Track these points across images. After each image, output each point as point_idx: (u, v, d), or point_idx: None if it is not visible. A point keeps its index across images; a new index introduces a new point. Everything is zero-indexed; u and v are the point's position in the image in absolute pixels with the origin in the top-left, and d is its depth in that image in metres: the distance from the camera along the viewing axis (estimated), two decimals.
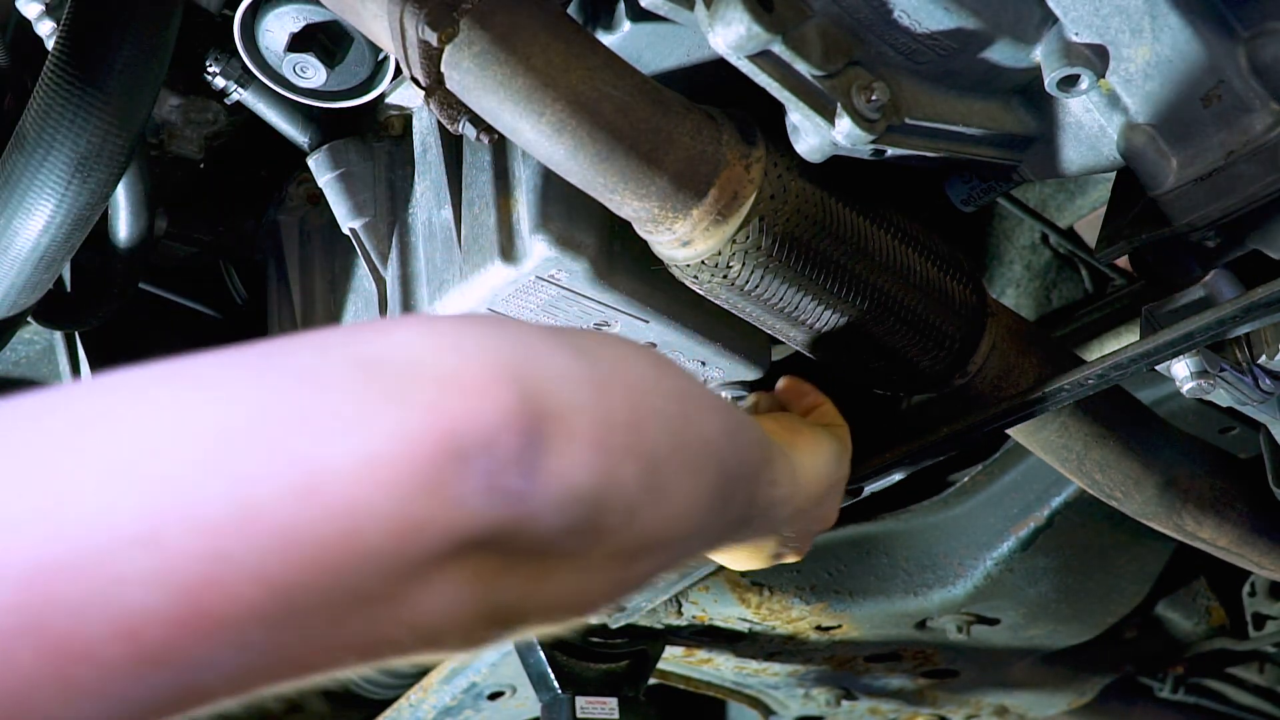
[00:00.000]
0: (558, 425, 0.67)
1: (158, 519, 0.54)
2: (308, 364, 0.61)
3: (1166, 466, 1.51)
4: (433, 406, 0.61)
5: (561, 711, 1.97)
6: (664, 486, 0.75)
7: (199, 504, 0.55)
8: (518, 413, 0.64)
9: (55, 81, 1.19)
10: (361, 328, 0.66)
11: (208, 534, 0.55)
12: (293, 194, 1.60)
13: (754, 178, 1.20)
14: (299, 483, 0.57)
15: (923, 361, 1.34)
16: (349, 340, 0.64)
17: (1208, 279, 1.27)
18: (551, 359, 0.69)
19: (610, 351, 0.77)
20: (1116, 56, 1.19)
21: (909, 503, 2.10)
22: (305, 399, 0.60)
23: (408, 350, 0.64)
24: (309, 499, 0.57)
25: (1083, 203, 2.06)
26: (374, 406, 0.60)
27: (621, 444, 0.71)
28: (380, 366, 0.62)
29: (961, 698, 2.49)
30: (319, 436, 0.59)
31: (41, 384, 1.68)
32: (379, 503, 0.59)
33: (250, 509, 0.56)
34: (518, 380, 0.65)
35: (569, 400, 0.68)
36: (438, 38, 1.09)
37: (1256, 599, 2.42)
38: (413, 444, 0.60)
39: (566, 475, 0.67)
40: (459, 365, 0.64)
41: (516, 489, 0.64)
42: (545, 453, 0.65)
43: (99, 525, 0.54)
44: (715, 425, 0.83)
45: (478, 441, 0.62)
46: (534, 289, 1.35)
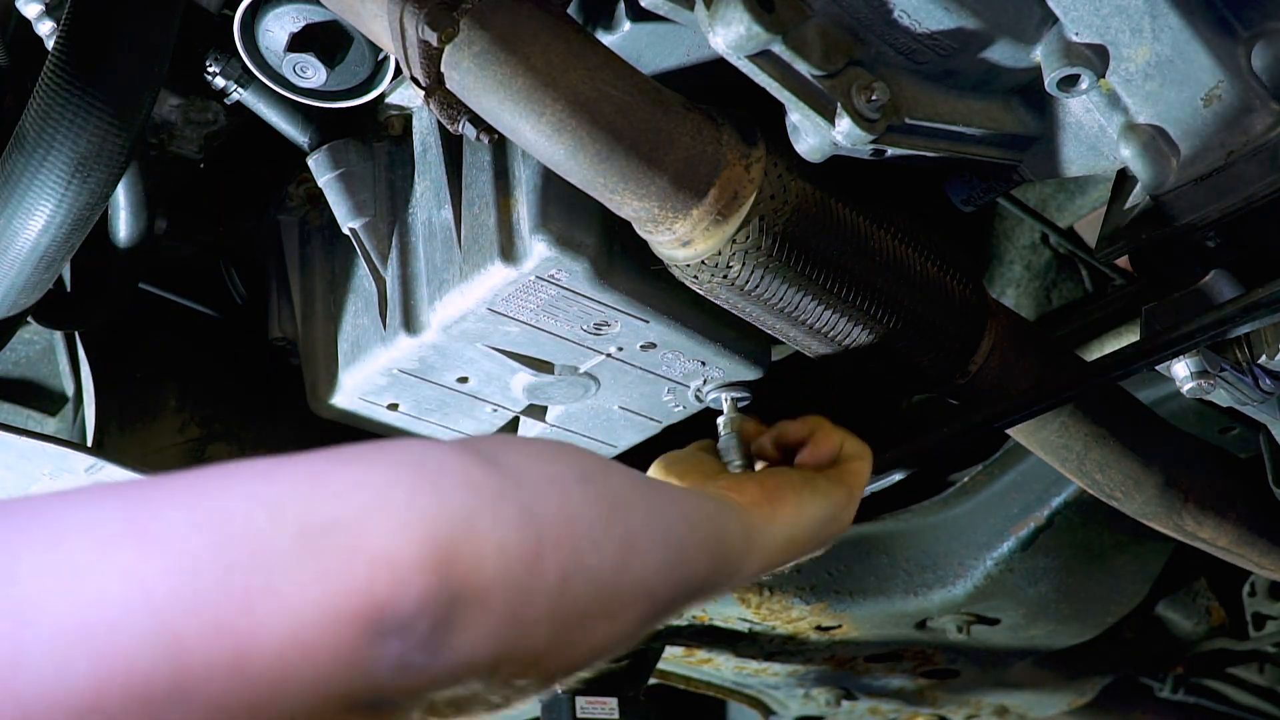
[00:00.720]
0: (475, 604, 0.71)
1: (104, 690, 0.58)
2: (260, 531, 0.65)
3: (1166, 466, 1.51)
4: (363, 588, 0.66)
5: (561, 711, 1.97)
6: (579, 636, 0.81)
7: (142, 678, 0.59)
8: (436, 598, 0.69)
9: (55, 81, 1.19)
10: (321, 476, 0.70)
11: (147, 704, 0.59)
12: (293, 194, 1.60)
13: (754, 178, 1.20)
14: (232, 660, 0.62)
15: (923, 361, 1.34)
16: (303, 502, 0.68)
17: (1208, 279, 1.27)
18: (490, 528, 0.74)
19: (561, 504, 0.80)
20: (1116, 56, 1.19)
21: (909, 503, 2.10)
22: (249, 574, 0.64)
23: (356, 517, 0.68)
24: (239, 674, 0.62)
25: (1083, 203, 2.06)
26: (309, 585, 0.65)
27: (539, 612, 0.76)
28: (325, 536, 0.67)
29: (961, 698, 2.49)
30: (256, 615, 0.63)
31: (41, 384, 1.68)
32: (300, 676, 0.64)
33: (186, 682, 0.60)
34: (445, 561, 0.70)
35: (494, 575, 0.73)
36: (438, 38, 1.09)
37: (1256, 599, 2.42)
38: (338, 623, 0.65)
39: (469, 648, 0.72)
40: (396, 543, 0.68)
41: (420, 664, 0.69)
42: (455, 631, 0.70)
43: (51, 692, 0.57)
44: (655, 565, 0.88)
45: (395, 624, 0.67)
46: (534, 289, 1.35)
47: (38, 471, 1.51)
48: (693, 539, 0.95)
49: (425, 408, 1.55)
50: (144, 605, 0.60)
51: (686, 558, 0.93)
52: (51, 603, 0.58)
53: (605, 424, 1.60)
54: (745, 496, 1.10)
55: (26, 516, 0.61)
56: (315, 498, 0.68)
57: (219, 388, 1.71)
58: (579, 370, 1.49)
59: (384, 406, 1.55)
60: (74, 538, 0.61)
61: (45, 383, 1.68)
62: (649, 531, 0.88)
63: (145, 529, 0.63)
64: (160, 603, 0.60)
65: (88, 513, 0.62)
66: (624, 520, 0.86)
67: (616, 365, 1.48)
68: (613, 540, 0.84)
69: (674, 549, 0.91)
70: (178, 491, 0.66)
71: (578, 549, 0.80)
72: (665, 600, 0.91)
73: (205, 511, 0.65)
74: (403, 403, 1.55)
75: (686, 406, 1.57)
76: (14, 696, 0.56)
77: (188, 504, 0.65)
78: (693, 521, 0.95)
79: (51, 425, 1.67)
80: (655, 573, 0.88)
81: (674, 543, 0.91)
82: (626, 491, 0.88)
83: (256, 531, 0.65)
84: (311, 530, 0.66)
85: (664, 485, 0.98)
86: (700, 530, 0.96)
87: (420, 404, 1.55)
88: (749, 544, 1.05)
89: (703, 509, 0.99)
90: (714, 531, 0.99)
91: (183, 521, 0.64)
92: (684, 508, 0.96)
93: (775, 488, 1.13)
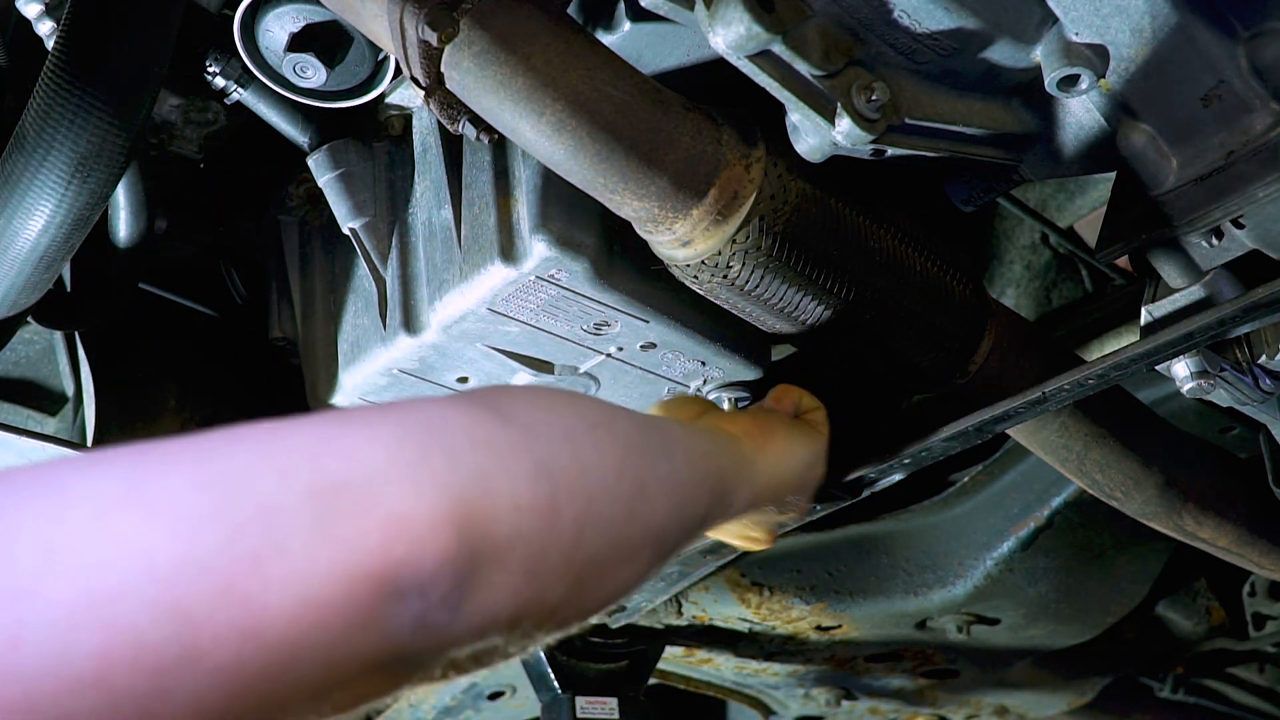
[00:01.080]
0: (493, 561, 0.70)
1: (109, 662, 0.56)
2: (267, 492, 0.63)
3: (1166, 466, 1.51)
4: (377, 548, 0.64)
5: (561, 711, 1.97)
6: (594, 584, 0.80)
7: (148, 649, 0.57)
8: (455, 557, 0.68)
9: (55, 81, 1.19)
10: (329, 437, 0.68)
11: (154, 674, 0.57)
12: (293, 194, 1.60)
13: (754, 178, 1.20)
14: (242, 624, 0.60)
15: (923, 361, 1.34)
16: (312, 462, 0.66)
17: (1208, 279, 1.27)
18: (506, 485, 0.73)
19: (574, 455, 0.79)
20: (1116, 56, 1.19)
21: (909, 503, 2.10)
22: (257, 536, 0.62)
23: (367, 477, 0.66)
24: (250, 639, 0.60)
25: (1083, 203, 2.06)
26: (320, 547, 0.63)
27: (557, 564, 0.75)
28: (336, 497, 0.65)
29: (961, 698, 2.49)
30: (265, 577, 0.61)
31: (41, 384, 1.68)
32: (315, 640, 0.62)
33: (195, 650, 0.58)
34: (463, 520, 0.69)
35: (512, 532, 0.72)
36: (438, 38, 1.09)
37: (1256, 599, 2.42)
38: (353, 585, 0.63)
39: (490, 606, 0.71)
40: (411, 503, 0.67)
41: (441, 622, 0.68)
42: (474, 589, 0.69)
43: (53, 668, 0.55)
44: (663, 508, 0.87)
45: (413, 584, 0.66)
46: (534, 289, 1.35)
47: None
48: (694, 478, 0.94)
49: None
50: (148, 572, 0.58)
51: (690, 498, 0.93)
52: (51, 574, 0.57)
53: None
54: (738, 427, 1.11)
55: (24, 485, 0.60)
56: (324, 458, 0.66)
57: (219, 388, 1.71)
58: (579, 370, 1.49)
59: None
60: (73, 505, 0.59)
61: (45, 383, 1.68)
62: (657, 475, 0.87)
63: (146, 493, 0.61)
64: (165, 569, 0.58)
65: (87, 479, 0.61)
66: (634, 466, 0.85)
67: (616, 365, 1.48)
68: (624, 487, 0.83)
69: (679, 490, 0.91)
70: (180, 454, 0.64)
71: (591, 499, 0.79)
72: (672, 541, 0.90)
73: (209, 473, 0.63)
74: None
75: None
76: (15, 673, 0.54)
77: (191, 466, 0.63)
78: (693, 460, 0.95)
79: (51, 425, 1.67)
80: (663, 515, 0.87)
81: (679, 484, 0.91)
82: (635, 436, 0.87)
83: (264, 493, 0.63)
84: (322, 491, 0.64)
85: (667, 424, 0.97)
86: (700, 468, 0.96)
87: None
88: (740, 476, 1.06)
89: (701, 446, 0.99)
90: (712, 468, 1.00)
91: (186, 484, 0.62)
92: (686, 447, 0.95)
93: (767, 422, 1.16)
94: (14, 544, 0.57)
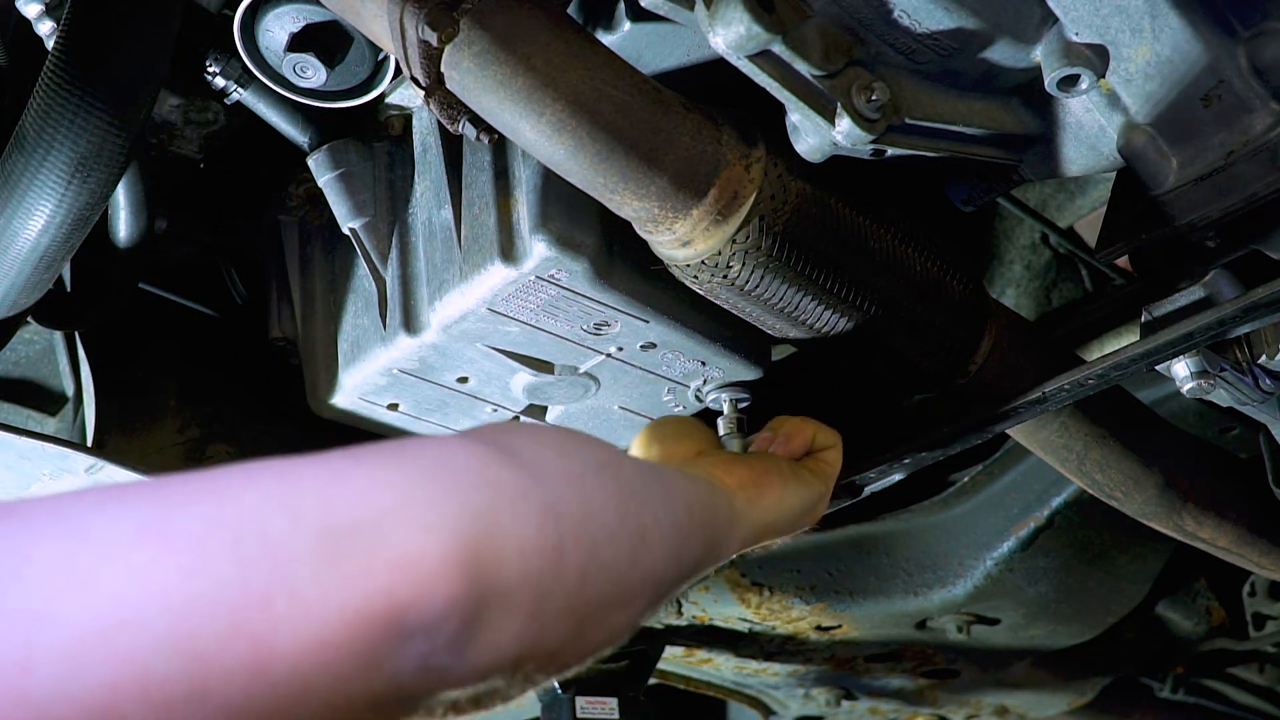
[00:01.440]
0: (499, 604, 0.71)
1: (118, 693, 0.57)
2: (280, 533, 0.64)
3: (1166, 466, 1.51)
4: (385, 590, 0.65)
5: (561, 711, 1.97)
6: (594, 627, 0.81)
7: (157, 683, 0.58)
8: (464, 599, 0.69)
9: (55, 81, 1.19)
10: (341, 478, 0.69)
11: (162, 709, 0.58)
12: (293, 194, 1.60)
13: (754, 178, 1.20)
14: (250, 662, 0.60)
15: (923, 361, 1.34)
16: (323, 502, 0.67)
17: (1208, 279, 1.27)
18: (514, 528, 0.73)
19: (580, 499, 0.80)
20: (1116, 56, 1.19)
21: (909, 503, 2.10)
22: (269, 576, 0.62)
23: (376, 518, 0.67)
24: (258, 677, 0.61)
25: (1083, 203, 2.06)
26: (330, 588, 0.64)
27: (560, 607, 0.76)
28: (346, 539, 0.65)
29: (961, 698, 2.49)
30: (275, 617, 0.62)
31: (41, 384, 1.68)
32: (321, 679, 0.63)
33: (204, 686, 0.59)
34: (471, 563, 0.69)
35: (518, 575, 0.72)
36: (438, 38, 1.09)
37: (1256, 599, 2.42)
38: (360, 626, 0.64)
39: (494, 648, 0.72)
40: (420, 545, 0.67)
41: (446, 664, 0.69)
42: (480, 631, 0.70)
43: (61, 695, 0.56)
44: (662, 554, 0.88)
45: (420, 626, 0.66)
46: (534, 289, 1.35)
47: (38, 471, 1.51)
48: (691, 526, 0.96)
49: (425, 408, 1.55)
50: (159, 606, 0.59)
51: (687, 545, 0.94)
52: (64, 604, 0.57)
53: (605, 424, 1.60)
54: (733, 479, 1.12)
55: (39, 517, 0.60)
56: (335, 499, 0.67)
57: (219, 388, 1.71)
58: (579, 370, 1.49)
59: (384, 406, 1.55)
60: (88, 538, 0.60)
61: (45, 383, 1.68)
62: (658, 522, 0.89)
63: (160, 529, 0.61)
64: (176, 604, 0.59)
65: (102, 513, 0.61)
66: (636, 513, 0.86)
67: (616, 365, 1.48)
68: (627, 533, 0.84)
69: (678, 537, 0.92)
70: (193, 491, 0.65)
71: (596, 543, 0.80)
72: (668, 586, 0.92)
73: (222, 512, 0.64)
74: (403, 403, 1.55)
75: (686, 406, 1.57)
76: (26, 699, 0.55)
77: (204, 504, 0.64)
78: (692, 509, 0.96)
79: (51, 425, 1.67)
80: (662, 561, 0.88)
81: (678, 531, 0.92)
82: (638, 483, 0.89)
83: (275, 532, 0.64)
84: (332, 532, 0.65)
85: (667, 472, 0.98)
86: (698, 517, 0.98)
87: (420, 404, 1.55)
88: (732, 527, 1.07)
89: (699, 494, 1.00)
90: (708, 518, 1.01)
91: (199, 521, 0.63)
92: (685, 495, 0.96)
93: (763, 473, 1.16)
94: (28, 572, 0.58)
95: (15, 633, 0.56)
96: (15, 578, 0.57)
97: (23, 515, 0.60)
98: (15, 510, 0.60)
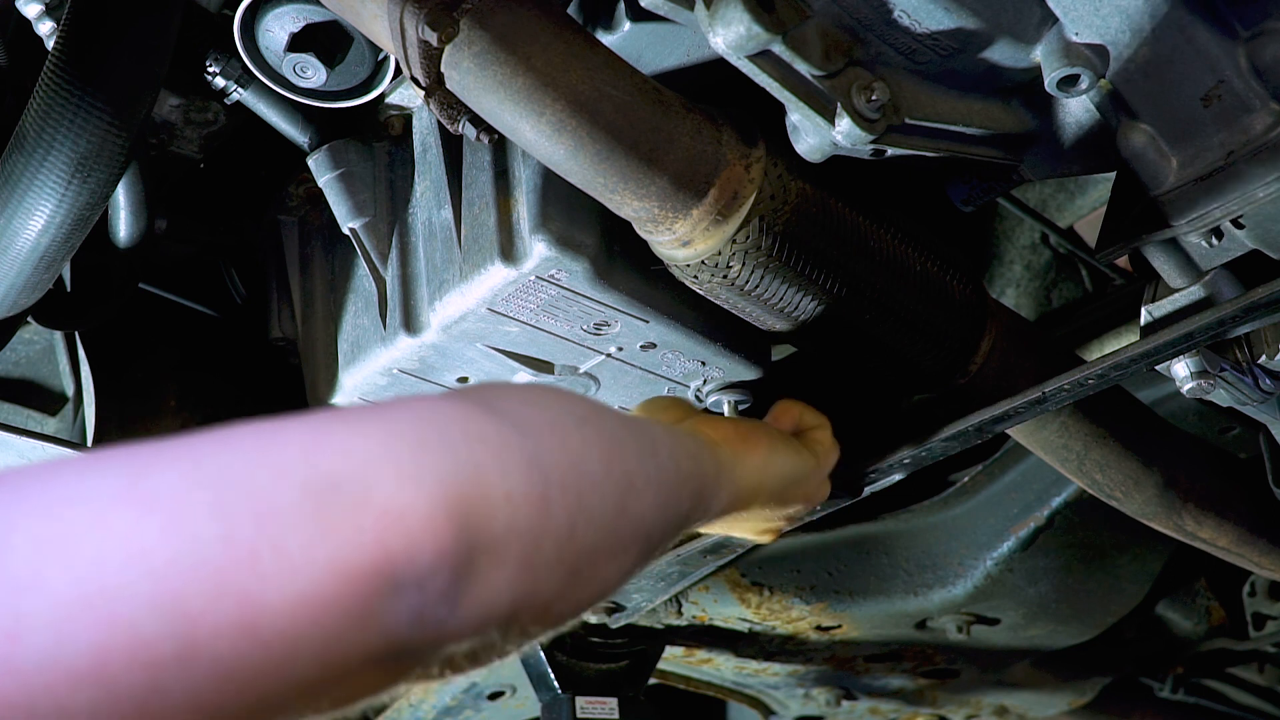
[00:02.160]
0: (489, 554, 0.71)
1: (105, 657, 0.57)
2: (263, 488, 0.64)
3: (1166, 466, 1.51)
4: (374, 542, 0.64)
5: (561, 711, 1.97)
6: (586, 578, 0.81)
7: (146, 645, 0.58)
8: (453, 549, 0.68)
9: (55, 81, 1.19)
10: (323, 433, 0.68)
11: (151, 670, 0.58)
12: (293, 194, 1.60)
13: (754, 177, 1.20)
14: (239, 620, 0.60)
15: (923, 361, 1.34)
16: (306, 458, 0.66)
17: (1208, 279, 1.27)
18: (499, 478, 0.73)
19: (564, 449, 0.80)
20: (1116, 56, 1.19)
21: (909, 503, 2.10)
22: (254, 532, 0.62)
23: (362, 471, 0.67)
24: (247, 635, 0.60)
25: (1083, 203, 2.06)
26: (317, 542, 0.63)
27: (551, 557, 0.76)
28: (332, 492, 0.65)
29: (961, 698, 2.49)
30: (262, 573, 0.61)
31: (41, 384, 1.68)
32: (312, 635, 0.62)
33: (191, 645, 0.59)
34: (459, 513, 0.69)
35: (506, 524, 0.72)
36: (438, 38, 1.09)
37: (1256, 599, 2.42)
38: (350, 580, 0.63)
39: (488, 599, 0.71)
40: (407, 496, 0.67)
41: (439, 616, 0.68)
42: (471, 582, 0.70)
43: (50, 662, 0.56)
44: (650, 504, 0.88)
45: (411, 578, 0.66)
46: (534, 289, 1.35)
47: None
48: (678, 476, 0.95)
49: None
50: (144, 568, 0.58)
51: (674, 495, 0.94)
52: (48, 570, 0.57)
53: None
54: (718, 433, 1.11)
55: (20, 484, 0.60)
56: (319, 454, 0.66)
57: (219, 388, 1.71)
58: (579, 370, 1.49)
59: None
60: (70, 503, 0.60)
61: (45, 383, 1.68)
62: (643, 471, 0.88)
63: (143, 490, 0.61)
64: (161, 565, 0.59)
65: (83, 477, 0.61)
66: (621, 461, 0.86)
67: (616, 365, 1.48)
68: (613, 482, 0.84)
69: (664, 487, 0.92)
70: (175, 453, 0.64)
71: (582, 492, 0.80)
72: (657, 537, 0.91)
73: (204, 471, 0.63)
74: None
75: None
76: (13, 668, 0.55)
77: (186, 464, 0.63)
78: (678, 459, 0.96)
79: (51, 425, 1.67)
80: (650, 511, 0.88)
81: (664, 481, 0.92)
82: (622, 433, 0.88)
83: (259, 489, 0.63)
84: (317, 487, 0.65)
85: (651, 423, 0.98)
86: (684, 467, 0.97)
87: None
88: (719, 480, 1.06)
89: (684, 445, 1.00)
90: (695, 469, 1.00)
91: (181, 482, 0.62)
92: (670, 446, 0.96)
93: (750, 431, 1.16)
94: (11, 539, 0.57)
95: (1, 603, 0.55)
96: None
97: (3, 485, 0.60)
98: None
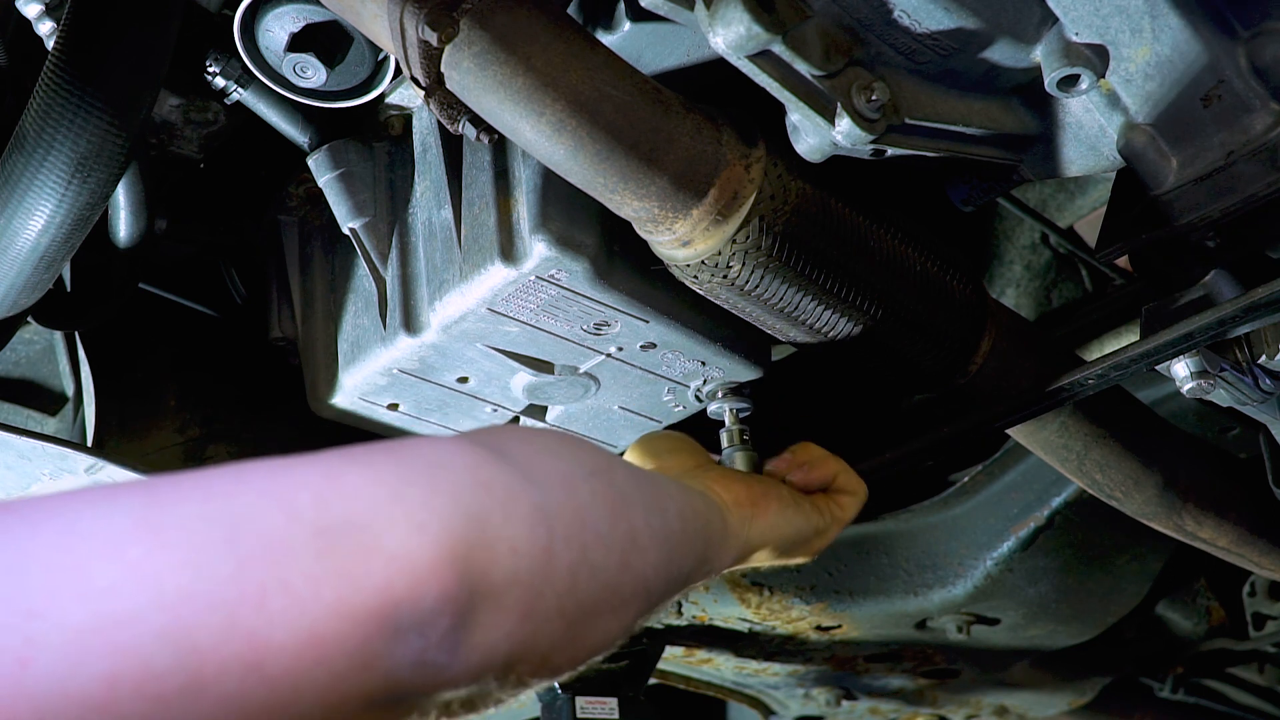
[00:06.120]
0: (491, 602, 0.72)
1: (115, 689, 0.57)
2: (275, 528, 0.65)
3: (1166, 466, 1.51)
4: (379, 586, 0.66)
5: (561, 711, 1.97)
6: (585, 631, 0.82)
7: (154, 677, 0.58)
8: (455, 596, 0.69)
9: (55, 81, 1.19)
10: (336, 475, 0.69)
11: (159, 703, 0.58)
12: (293, 194, 1.60)
13: (754, 178, 1.20)
14: (246, 657, 0.61)
15: (923, 361, 1.34)
16: (317, 499, 0.67)
17: (1208, 279, 1.27)
18: (505, 527, 0.74)
19: (571, 501, 0.81)
20: (1116, 56, 1.19)
21: (909, 503, 2.10)
22: (264, 571, 0.63)
23: (372, 516, 0.68)
24: (253, 673, 0.61)
25: (1083, 203, 2.06)
26: (325, 583, 0.64)
27: (551, 608, 0.77)
28: (341, 535, 0.66)
29: (961, 698, 2.50)
30: (270, 613, 0.62)
31: (41, 384, 1.68)
32: (316, 675, 0.63)
33: (199, 681, 0.60)
34: (463, 560, 0.70)
35: (509, 574, 0.73)
36: (438, 38, 1.09)
37: (1256, 599, 2.42)
38: (355, 622, 0.65)
39: (487, 647, 0.72)
40: (412, 542, 0.68)
41: (440, 662, 0.69)
42: (472, 629, 0.71)
43: (61, 689, 0.56)
44: (653, 561, 0.89)
45: (414, 623, 0.67)
46: (534, 289, 1.35)
47: (38, 471, 1.51)
48: (684, 536, 0.96)
49: (425, 408, 1.55)
50: (156, 601, 0.59)
51: (678, 554, 0.95)
52: (62, 599, 0.58)
53: (605, 424, 1.60)
54: (730, 495, 1.12)
55: (37, 514, 0.61)
56: (330, 496, 0.68)
57: (219, 388, 1.71)
58: (579, 370, 1.49)
59: (384, 406, 1.55)
60: (85, 534, 0.60)
61: (45, 383, 1.68)
62: (649, 528, 0.89)
63: (157, 525, 0.62)
64: (172, 599, 0.60)
65: (98, 509, 0.62)
66: (628, 517, 0.87)
67: (616, 365, 1.48)
68: (618, 537, 0.84)
69: (669, 545, 0.92)
70: (190, 488, 0.65)
71: (586, 546, 0.81)
72: (659, 594, 0.92)
73: (218, 508, 0.64)
74: (403, 403, 1.55)
75: (686, 406, 1.57)
76: (25, 693, 0.55)
77: (200, 500, 0.64)
78: (685, 518, 0.97)
79: (51, 425, 1.67)
80: (653, 568, 0.89)
81: (670, 539, 0.92)
82: (630, 487, 0.89)
83: (270, 528, 0.64)
84: (326, 528, 0.66)
85: (661, 479, 0.98)
86: (690, 527, 0.98)
87: (420, 404, 1.55)
88: (725, 543, 1.08)
89: (693, 505, 1.01)
90: (700, 529, 1.01)
91: (195, 517, 0.63)
92: (678, 504, 0.97)
93: (762, 494, 1.16)
94: (26, 567, 0.58)
95: (14, 629, 0.56)
96: (13, 575, 0.58)
97: (20, 514, 0.61)
98: (12, 509, 0.61)
